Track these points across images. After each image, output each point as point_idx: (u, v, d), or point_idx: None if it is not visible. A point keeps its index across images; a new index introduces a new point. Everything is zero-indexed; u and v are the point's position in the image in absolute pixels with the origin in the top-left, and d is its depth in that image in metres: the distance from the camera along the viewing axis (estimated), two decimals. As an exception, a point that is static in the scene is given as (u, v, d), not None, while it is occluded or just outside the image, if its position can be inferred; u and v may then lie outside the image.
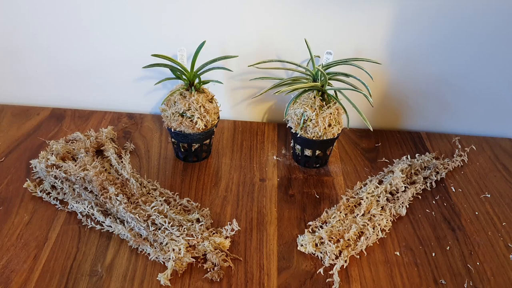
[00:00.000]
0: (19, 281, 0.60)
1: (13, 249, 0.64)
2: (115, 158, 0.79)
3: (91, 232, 0.68)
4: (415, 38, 0.85)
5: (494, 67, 0.88)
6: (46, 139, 0.86)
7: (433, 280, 0.64)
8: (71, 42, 0.89)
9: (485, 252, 0.69)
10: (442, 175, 0.82)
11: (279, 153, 0.87)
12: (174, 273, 0.62)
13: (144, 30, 0.86)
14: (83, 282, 0.60)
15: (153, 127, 0.93)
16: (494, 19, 0.82)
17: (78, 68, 0.93)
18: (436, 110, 0.95)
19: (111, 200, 0.70)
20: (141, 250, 0.65)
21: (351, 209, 0.74)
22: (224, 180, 0.80)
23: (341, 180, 0.81)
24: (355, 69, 0.77)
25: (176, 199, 0.74)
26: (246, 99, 0.96)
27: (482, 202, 0.79)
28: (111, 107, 0.98)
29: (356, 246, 0.67)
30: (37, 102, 0.97)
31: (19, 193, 0.74)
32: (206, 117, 0.77)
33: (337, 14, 0.82)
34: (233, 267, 0.64)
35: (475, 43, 0.85)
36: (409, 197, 0.76)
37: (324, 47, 0.82)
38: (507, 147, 0.93)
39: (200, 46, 0.77)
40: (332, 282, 0.62)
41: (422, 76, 0.90)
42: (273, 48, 0.87)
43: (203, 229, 0.67)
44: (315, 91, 0.77)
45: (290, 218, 0.73)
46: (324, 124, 0.76)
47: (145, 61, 0.76)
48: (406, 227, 0.72)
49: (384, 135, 0.95)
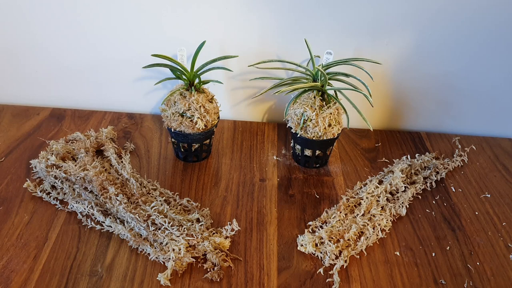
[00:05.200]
0: (19, 281, 0.60)
1: (13, 249, 0.64)
2: (115, 158, 0.79)
3: (91, 232, 0.68)
4: (415, 38, 0.85)
5: (494, 67, 0.88)
6: (46, 139, 0.86)
7: (433, 280, 0.64)
8: (71, 42, 0.89)
9: (485, 252, 0.69)
10: (442, 175, 0.82)
11: (279, 153, 0.87)
12: (174, 273, 0.62)
13: (144, 30, 0.86)
14: (83, 282, 0.60)
15: (153, 127, 0.93)
16: (494, 19, 0.82)
17: (78, 68, 0.93)
18: (436, 110, 0.95)
19: (111, 200, 0.70)
20: (141, 250, 0.65)
21: (351, 209, 0.74)
22: (224, 180, 0.80)
23: (341, 180, 0.81)
24: (355, 69, 0.77)
25: (176, 199, 0.74)
26: (246, 99, 0.96)
27: (482, 202, 0.79)
28: (111, 107, 0.98)
29: (356, 246, 0.67)
30: (37, 102, 0.97)
31: (19, 193, 0.74)
32: (206, 117, 0.77)
33: (337, 14, 0.82)
34: (233, 267, 0.64)
35: (476, 43, 0.85)
36: (409, 197, 0.76)
37: (324, 47, 0.82)
38: (507, 147, 0.93)
39: (200, 46, 0.77)
40: (332, 282, 0.62)
41: (422, 76, 0.90)
42: (273, 48, 0.87)
43: (203, 229, 0.67)
44: (315, 91, 0.77)
45: (290, 218, 0.73)
46: (324, 124, 0.76)
47: (145, 61, 0.76)
48: (406, 227, 0.72)
49: (384, 135, 0.95)
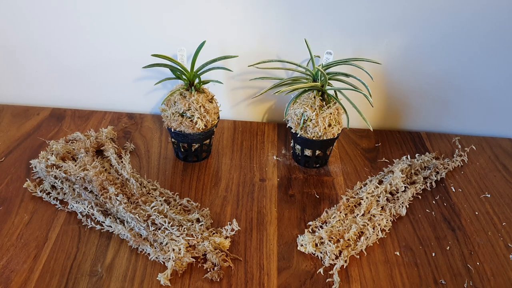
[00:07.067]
0: (19, 281, 0.60)
1: (13, 249, 0.64)
2: (115, 158, 0.79)
3: (91, 232, 0.68)
4: (415, 38, 0.85)
5: (494, 67, 0.88)
6: (46, 139, 0.86)
7: (433, 280, 0.64)
8: (71, 42, 0.89)
9: (485, 252, 0.69)
10: (442, 175, 0.82)
11: (279, 153, 0.87)
12: (174, 273, 0.62)
13: (144, 30, 0.86)
14: (83, 282, 0.60)
15: (153, 127, 0.93)
16: (494, 19, 0.82)
17: (78, 68, 0.93)
18: (436, 110, 0.95)
19: (111, 200, 0.70)
20: (141, 250, 0.65)
21: (351, 209, 0.74)
22: (224, 180, 0.80)
23: (341, 180, 0.81)
24: (355, 69, 0.77)
25: (176, 199, 0.74)
26: (246, 99, 0.96)
27: (482, 202, 0.79)
28: (111, 107, 0.98)
29: (356, 246, 0.67)
30: (37, 102, 0.97)
31: (19, 193, 0.74)
32: (206, 117, 0.77)
33: (337, 14, 0.82)
34: (233, 267, 0.64)
35: (475, 43, 0.85)
36: (409, 197, 0.76)
37: (324, 47, 0.82)
38: (507, 147, 0.93)
39: (200, 46, 0.77)
40: (332, 282, 0.62)
41: (422, 76, 0.90)
42: (273, 48, 0.87)
43: (203, 229, 0.67)
44: (315, 91, 0.77)
45: (290, 218, 0.73)
46: (324, 124, 0.76)
47: (145, 61, 0.76)
48: (406, 227, 0.72)
49: (384, 135, 0.95)
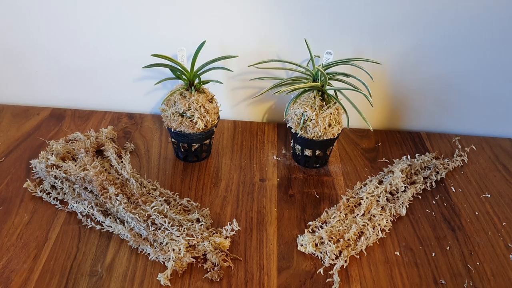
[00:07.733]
0: (19, 281, 0.60)
1: (13, 249, 0.64)
2: (115, 158, 0.79)
3: (91, 232, 0.68)
4: (415, 38, 0.85)
5: (494, 67, 0.88)
6: (46, 139, 0.86)
7: (433, 280, 0.64)
8: (71, 42, 0.89)
9: (485, 252, 0.69)
10: (442, 175, 0.82)
11: (279, 153, 0.87)
12: (174, 273, 0.62)
13: (144, 30, 0.86)
14: (83, 282, 0.60)
15: (153, 127, 0.93)
16: (494, 19, 0.82)
17: (78, 68, 0.92)
18: (436, 110, 0.95)
19: (111, 200, 0.70)
20: (141, 250, 0.65)
21: (351, 209, 0.74)
22: (224, 180, 0.80)
23: (341, 180, 0.81)
24: (355, 69, 0.77)
25: (176, 199, 0.74)
26: (246, 99, 0.96)
27: (482, 202, 0.79)
28: (111, 107, 0.98)
29: (356, 246, 0.67)
30: (37, 102, 0.97)
31: (19, 193, 0.74)
32: (206, 117, 0.77)
33: (337, 14, 0.82)
34: (233, 267, 0.64)
35: (475, 43, 0.85)
36: (409, 197, 0.76)
37: (324, 47, 0.82)
38: (507, 147, 0.93)
39: (200, 46, 0.77)
40: (332, 282, 0.62)
41: (422, 76, 0.90)
42: (273, 48, 0.87)
43: (203, 229, 0.67)
44: (315, 91, 0.77)
45: (290, 218, 0.73)
46: (324, 124, 0.76)
47: (145, 61, 0.76)
48: (406, 227, 0.72)
49: (384, 135, 0.95)
